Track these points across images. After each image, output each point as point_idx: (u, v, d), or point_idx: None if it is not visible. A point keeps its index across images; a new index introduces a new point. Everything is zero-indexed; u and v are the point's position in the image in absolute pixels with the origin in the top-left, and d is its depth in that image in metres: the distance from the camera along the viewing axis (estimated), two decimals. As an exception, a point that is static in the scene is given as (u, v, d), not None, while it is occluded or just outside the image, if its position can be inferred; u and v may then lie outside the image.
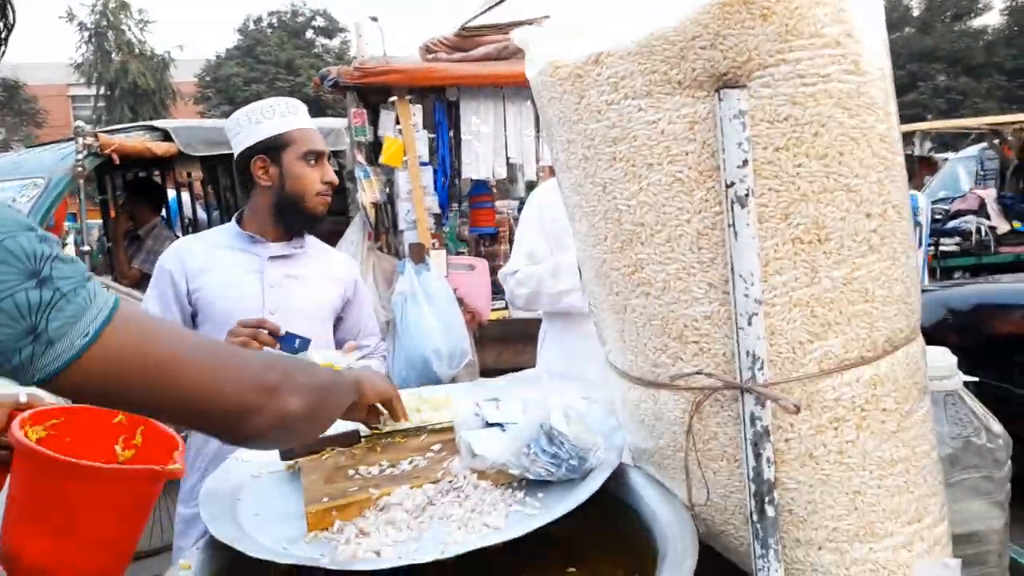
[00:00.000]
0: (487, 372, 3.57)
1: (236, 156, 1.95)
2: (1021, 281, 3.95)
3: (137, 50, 24.70)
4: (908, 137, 10.77)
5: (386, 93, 3.85)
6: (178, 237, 3.02)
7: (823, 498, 0.95)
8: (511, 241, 3.62)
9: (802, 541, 0.97)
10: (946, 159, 10.70)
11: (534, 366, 2.47)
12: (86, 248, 4.14)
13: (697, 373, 0.97)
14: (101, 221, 5.96)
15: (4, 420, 1.09)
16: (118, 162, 4.15)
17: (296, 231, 1.98)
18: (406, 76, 3.78)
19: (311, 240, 2.05)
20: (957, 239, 6.95)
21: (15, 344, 0.68)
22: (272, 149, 1.91)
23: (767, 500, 0.93)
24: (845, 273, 0.94)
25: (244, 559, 1.03)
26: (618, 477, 1.15)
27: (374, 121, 3.86)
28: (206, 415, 0.80)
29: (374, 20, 3.95)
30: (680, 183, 0.94)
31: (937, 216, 7.17)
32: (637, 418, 1.11)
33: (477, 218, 4.29)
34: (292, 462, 1.31)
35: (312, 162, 1.93)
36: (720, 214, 0.93)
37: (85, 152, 3.93)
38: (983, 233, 6.87)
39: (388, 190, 3.88)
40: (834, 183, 0.92)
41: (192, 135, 4.64)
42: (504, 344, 3.97)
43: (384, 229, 3.82)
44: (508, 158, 3.99)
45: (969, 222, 7.00)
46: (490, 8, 4.00)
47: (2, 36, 0.79)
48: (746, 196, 0.90)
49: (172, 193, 5.92)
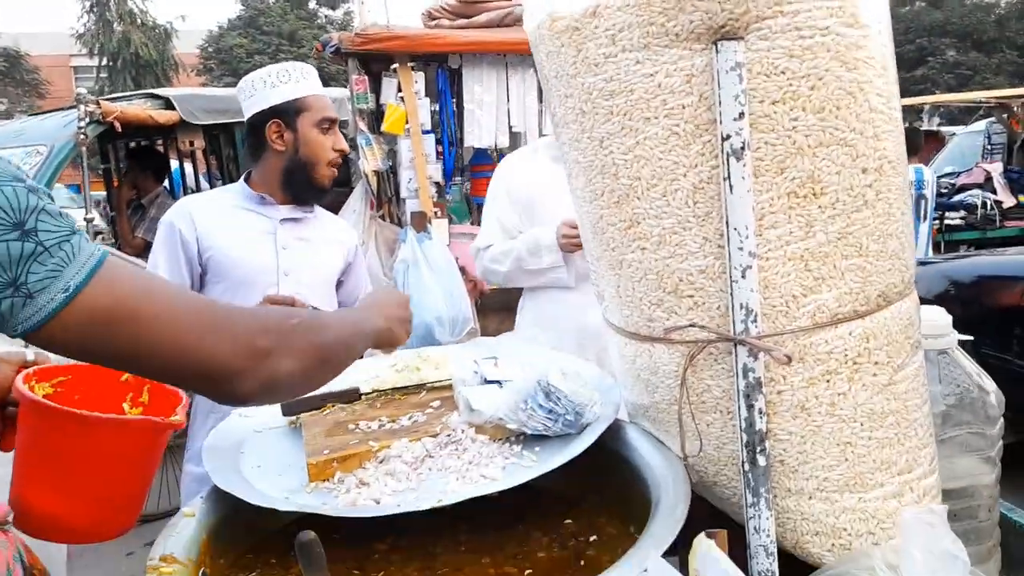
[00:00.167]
0: (489, 340, 3.58)
1: (248, 118, 1.95)
2: (1023, 253, 3.94)
3: (139, 20, 24.46)
4: (917, 111, 10.68)
5: (388, 61, 3.82)
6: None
7: (814, 449, 0.97)
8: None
9: (793, 491, 0.98)
10: (953, 134, 10.62)
11: None
12: (90, 216, 4.14)
13: (691, 326, 0.98)
14: (105, 193, 5.96)
15: (12, 378, 1.09)
16: (120, 130, 4.14)
17: (304, 198, 1.99)
18: (408, 43, 3.75)
19: (315, 205, 2.07)
20: (962, 213, 6.90)
21: None
22: (288, 113, 1.90)
23: (759, 450, 0.95)
24: (840, 227, 0.94)
25: (246, 508, 1.06)
26: (614, 432, 1.16)
27: (376, 89, 3.83)
28: (192, 375, 0.79)
29: (376, -13, 3.91)
30: (677, 137, 0.95)
31: (943, 190, 7.12)
32: (633, 373, 1.13)
33: (478, 187, 4.27)
34: (294, 418, 1.34)
35: (326, 128, 1.93)
36: (716, 168, 0.93)
37: (87, 120, 3.92)
38: (988, 207, 6.82)
39: (390, 159, 3.87)
40: (830, 137, 0.92)
41: (194, 103, 4.62)
42: (506, 312, 3.96)
43: (386, 198, 3.82)
44: (511, 127, 3.96)
45: (975, 196, 6.95)
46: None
47: None
48: (742, 149, 0.90)
49: (175, 163, 5.91)
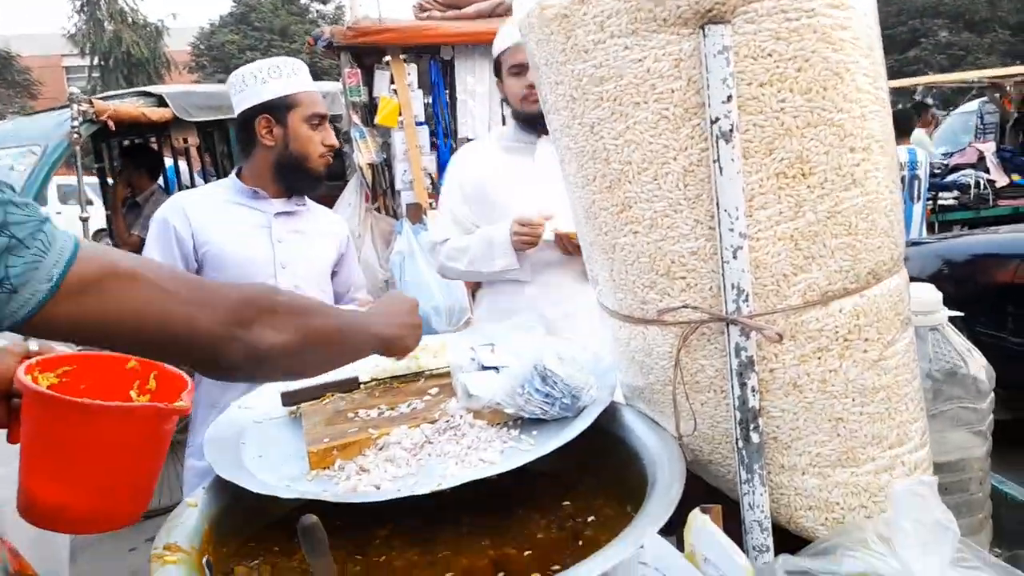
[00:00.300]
0: (486, 330, 3.59)
1: (238, 113, 1.95)
2: (1015, 232, 3.96)
3: (130, 18, 24.34)
4: (910, 92, 10.69)
5: (380, 53, 3.83)
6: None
7: (806, 425, 0.99)
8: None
9: (786, 467, 1.00)
10: (946, 115, 10.62)
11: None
12: (85, 215, 4.14)
13: (684, 307, 0.99)
14: (100, 191, 5.96)
15: (15, 368, 1.08)
16: (114, 128, 4.13)
17: (297, 191, 2.00)
18: (399, 35, 3.75)
19: (307, 198, 2.08)
20: (956, 193, 6.92)
21: None
22: (278, 109, 1.92)
23: (752, 428, 0.97)
24: (829, 207, 0.95)
25: (248, 497, 1.07)
26: (610, 414, 1.18)
27: (369, 82, 3.83)
28: (179, 347, 0.80)
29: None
30: (666, 121, 0.96)
31: (936, 170, 7.14)
32: (628, 355, 1.14)
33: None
34: (293, 408, 1.35)
35: (316, 123, 1.94)
36: (705, 151, 0.94)
37: (80, 119, 3.91)
38: (982, 187, 6.84)
39: (384, 151, 3.88)
40: (818, 118, 0.93)
41: (187, 100, 4.61)
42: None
43: (381, 190, 3.83)
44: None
45: (968, 176, 6.97)
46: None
47: None
48: (731, 131, 0.91)
49: (169, 161, 5.90)
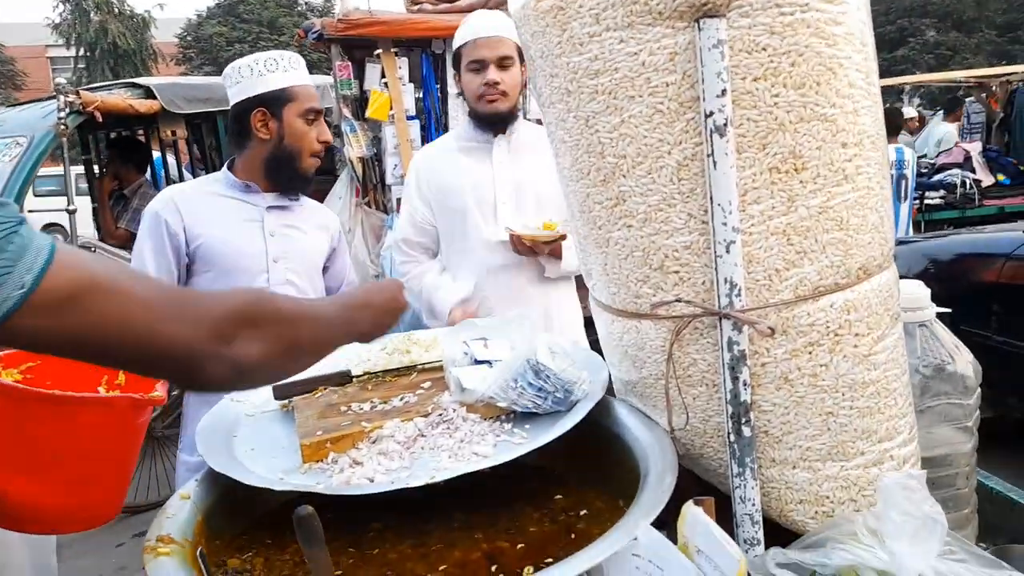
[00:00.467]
0: (477, 325, 3.59)
1: (233, 104, 1.94)
2: (1000, 231, 4.00)
3: (116, 9, 24.10)
4: (897, 92, 10.77)
5: (371, 46, 3.81)
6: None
7: (797, 419, 0.99)
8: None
9: (777, 460, 1.01)
10: (933, 115, 10.71)
11: None
12: (72, 208, 4.10)
13: (677, 301, 1.00)
14: (87, 185, 5.90)
15: None
16: (101, 120, 4.09)
17: (287, 187, 1.98)
18: (390, 28, 3.73)
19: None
20: (942, 192, 6.97)
21: None
22: (274, 103, 1.89)
23: (744, 421, 0.97)
24: (821, 202, 0.96)
25: (241, 490, 1.07)
26: (602, 408, 1.18)
27: (359, 75, 3.81)
28: (157, 363, 0.76)
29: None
30: (661, 115, 0.96)
31: (923, 170, 7.19)
32: (621, 350, 1.14)
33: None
34: (286, 401, 1.34)
35: (311, 119, 1.92)
36: (700, 145, 0.95)
37: (67, 110, 3.87)
38: (968, 186, 6.90)
39: (375, 145, 3.86)
40: (811, 113, 0.94)
41: (175, 92, 4.57)
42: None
43: (372, 184, 3.81)
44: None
45: (954, 175, 7.02)
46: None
47: None
48: (725, 126, 0.92)
49: (157, 154, 5.85)
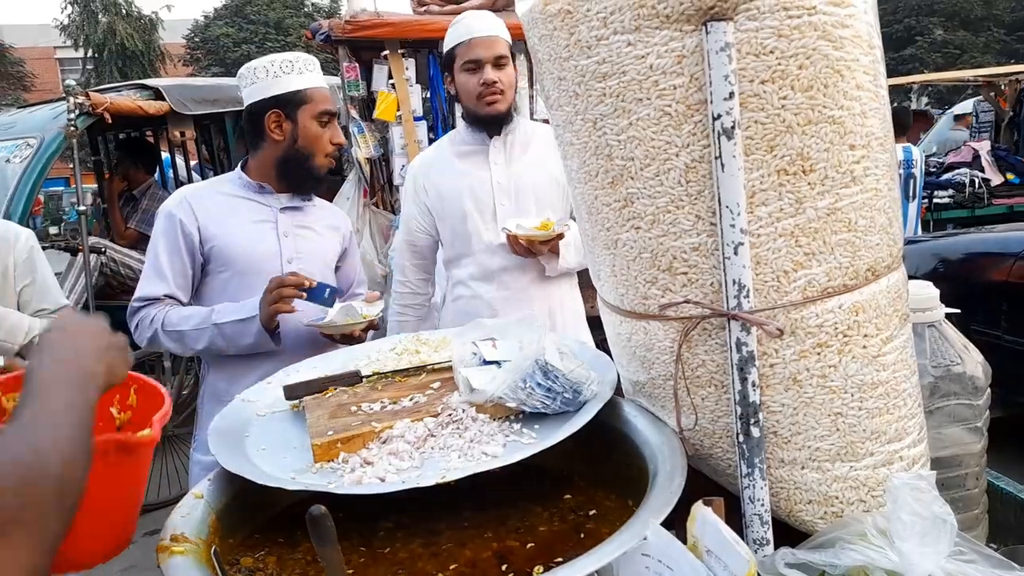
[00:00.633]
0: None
1: (248, 105, 1.95)
2: (1010, 230, 3.98)
3: (124, 10, 24.23)
4: (905, 91, 10.72)
5: (378, 47, 3.82)
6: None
7: (806, 420, 1.00)
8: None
9: (786, 461, 1.01)
10: (941, 113, 10.66)
11: None
12: (82, 208, 4.13)
13: (685, 302, 1.00)
14: (96, 186, 5.94)
15: None
16: (110, 121, 4.13)
17: (300, 188, 2.00)
18: (397, 29, 3.75)
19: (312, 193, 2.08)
20: (951, 191, 6.95)
21: None
22: (289, 104, 1.90)
23: (752, 422, 0.98)
24: (829, 203, 0.96)
25: (253, 489, 1.08)
26: (611, 409, 1.19)
27: (367, 77, 3.83)
28: None
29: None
30: (668, 117, 0.96)
31: (931, 169, 7.17)
32: (629, 351, 1.15)
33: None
34: (296, 401, 1.36)
35: (325, 121, 1.93)
36: (707, 147, 0.95)
37: (77, 111, 3.91)
38: (976, 185, 6.88)
39: (382, 146, 3.88)
40: (818, 115, 0.94)
41: (184, 93, 4.60)
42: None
43: (379, 185, 3.83)
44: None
45: (963, 174, 7.00)
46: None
47: None
48: (732, 128, 0.92)
49: (165, 155, 5.89)
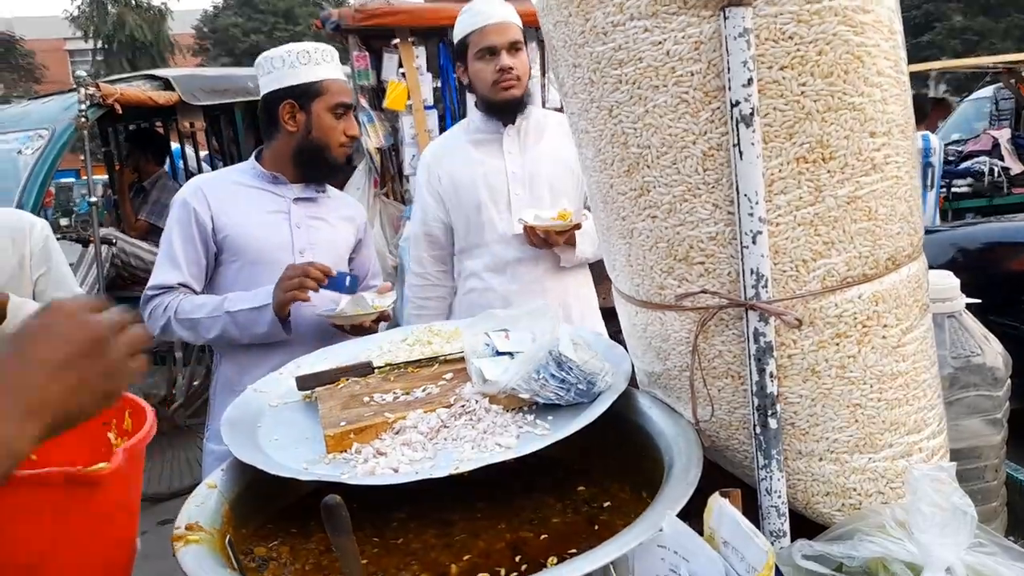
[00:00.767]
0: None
1: (263, 94, 1.95)
2: (1030, 219, 3.93)
3: (133, 1, 24.29)
4: (923, 78, 10.57)
5: (388, 36, 3.80)
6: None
7: (824, 411, 0.98)
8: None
9: (803, 452, 1.00)
10: (959, 101, 10.51)
11: None
12: (93, 199, 4.15)
13: (702, 292, 0.99)
14: (107, 177, 5.97)
15: None
16: (120, 112, 4.13)
17: (314, 179, 1.99)
18: (408, 17, 3.73)
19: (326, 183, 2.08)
20: (969, 180, 6.86)
21: None
22: (304, 95, 1.90)
23: (770, 413, 0.96)
24: (849, 192, 0.95)
25: (266, 479, 1.08)
26: (625, 400, 1.18)
27: (377, 65, 3.82)
28: None
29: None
30: (686, 104, 0.95)
31: (950, 158, 7.08)
32: (645, 342, 1.14)
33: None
34: (308, 392, 1.35)
35: (340, 113, 1.93)
36: (725, 135, 0.94)
37: (87, 102, 3.91)
38: (996, 174, 6.78)
39: (392, 136, 3.86)
40: (838, 102, 0.92)
41: (193, 83, 4.60)
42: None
43: (390, 175, 3.82)
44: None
45: (982, 163, 6.90)
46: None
47: None
48: (751, 115, 0.91)
49: (175, 145, 5.90)
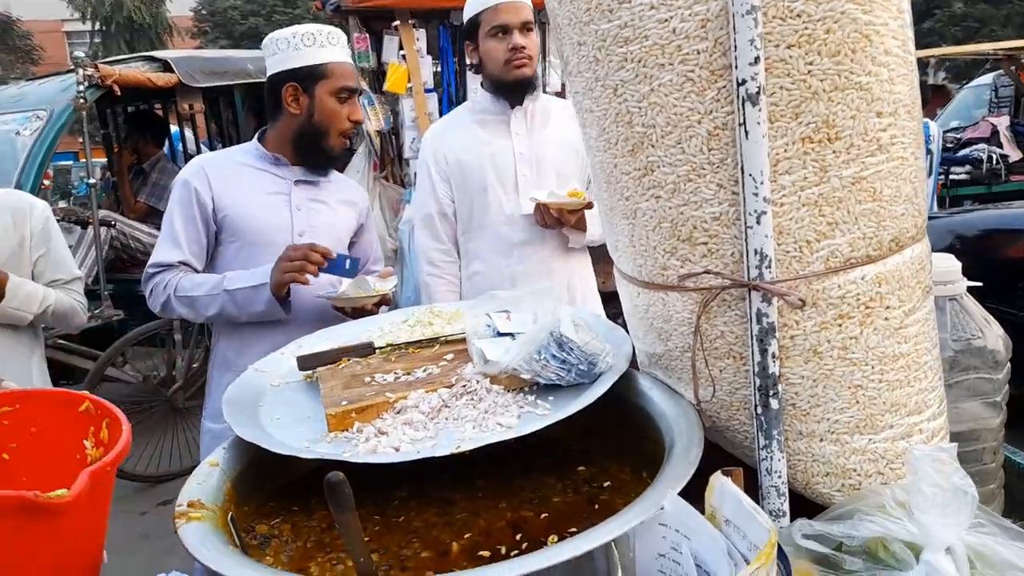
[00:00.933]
0: (495, 300, 3.60)
1: (268, 75, 1.94)
2: (1029, 206, 3.93)
3: (131, -19, 24.07)
4: (923, 65, 10.52)
5: (389, 18, 3.78)
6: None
7: (825, 392, 0.99)
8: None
9: (804, 433, 1.00)
10: (959, 88, 10.48)
11: None
12: (92, 181, 4.13)
13: (705, 273, 0.99)
14: (105, 160, 5.94)
15: None
16: (119, 94, 4.11)
17: (310, 164, 1.97)
18: None
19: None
20: (968, 168, 6.85)
21: None
22: (307, 78, 1.88)
23: (771, 394, 0.97)
24: (854, 172, 0.94)
25: (268, 458, 1.08)
26: (626, 381, 1.18)
27: (377, 47, 3.79)
28: None
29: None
30: (692, 83, 0.94)
31: (948, 145, 7.06)
32: (646, 323, 1.14)
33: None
34: (310, 371, 1.35)
35: (344, 98, 1.90)
36: (731, 114, 0.93)
37: (86, 83, 3.89)
38: (994, 161, 6.77)
39: (393, 119, 3.85)
40: (845, 81, 0.92)
41: (192, 65, 4.58)
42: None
43: (389, 158, 3.80)
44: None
45: (980, 150, 6.90)
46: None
47: None
48: (757, 94, 0.90)
49: (174, 128, 5.87)
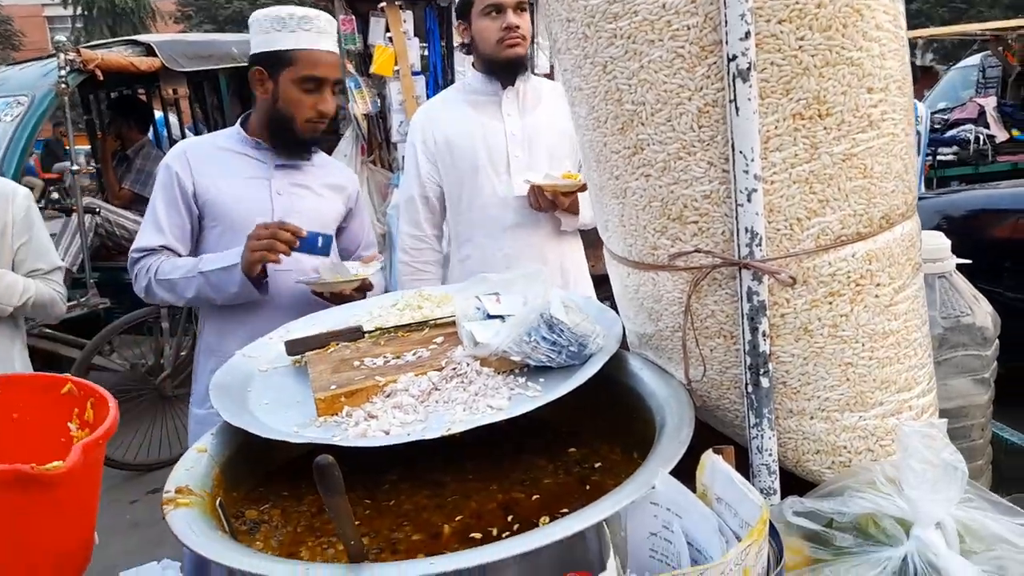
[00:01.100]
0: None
1: (248, 57, 1.92)
2: (1014, 187, 3.95)
3: (112, -35, 23.69)
4: (911, 46, 10.51)
5: (375, 0, 3.73)
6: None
7: (816, 370, 0.99)
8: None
9: (794, 411, 1.00)
10: (946, 69, 10.49)
11: None
12: (75, 168, 4.08)
13: (696, 252, 0.98)
14: (88, 147, 5.87)
15: None
16: (102, 79, 4.05)
17: (283, 149, 1.93)
18: (395, -20, 3.65)
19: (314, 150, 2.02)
20: (955, 148, 6.88)
21: None
22: (275, 64, 1.83)
23: (762, 372, 0.96)
24: (845, 149, 0.94)
25: (256, 443, 1.07)
26: (617, 361, 1.18)
27: (363, 30, 3.75)
28: None
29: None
30: (682, 59, 0.93)
31: (935, 126, 7.08)
32: (637, 303, 1.13)
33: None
34: (298, 356, 1.34)
35: (309, 88, 1.83)
36: (721, 91, 0.92)
37: (68, 68, 3.83)
38: (981, 142, 6.81)
39: (380, 102, 3.81)
40: (837, 56, 0.91)
41: (176, 49, 4.51)
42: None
43: (377, 142, 3.77)
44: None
45: (968, 131, 6.92)
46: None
47: None
48: (748, 70, 0.89)
49: (159, 113, 5.80)
